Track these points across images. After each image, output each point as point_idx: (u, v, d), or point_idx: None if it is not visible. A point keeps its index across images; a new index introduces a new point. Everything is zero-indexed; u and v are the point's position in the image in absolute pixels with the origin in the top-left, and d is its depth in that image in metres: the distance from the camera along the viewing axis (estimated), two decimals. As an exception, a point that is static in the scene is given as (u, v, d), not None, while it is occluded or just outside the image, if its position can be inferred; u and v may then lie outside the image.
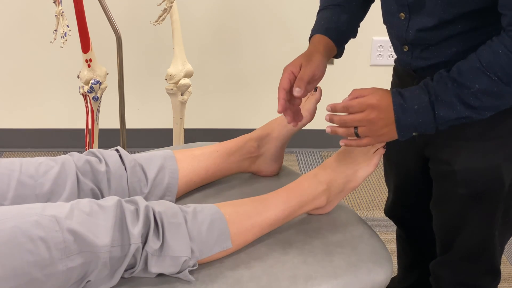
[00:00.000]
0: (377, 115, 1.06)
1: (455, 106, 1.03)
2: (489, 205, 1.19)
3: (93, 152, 1.20)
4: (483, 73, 1.00)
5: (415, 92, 1.06)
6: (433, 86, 1.04)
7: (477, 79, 1.01)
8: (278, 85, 1.17)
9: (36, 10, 2.37)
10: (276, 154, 1.35)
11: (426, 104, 1.04)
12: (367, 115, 1.06)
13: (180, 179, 1.24)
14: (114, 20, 1.83)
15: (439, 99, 1.03)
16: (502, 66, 0.99)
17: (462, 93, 1.02)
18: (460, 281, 1.31)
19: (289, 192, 1.18)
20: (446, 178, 1.21)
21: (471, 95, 1.02)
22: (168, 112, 2.11)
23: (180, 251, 1.02)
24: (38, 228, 0.93)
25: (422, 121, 1.05)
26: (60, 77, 2.50)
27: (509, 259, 2.09)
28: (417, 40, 1.13)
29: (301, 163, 2.66)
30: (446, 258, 1.31)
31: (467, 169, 1.16)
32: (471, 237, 1.24)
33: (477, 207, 1.20)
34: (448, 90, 1.03)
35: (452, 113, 1.03)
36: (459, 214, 1.23)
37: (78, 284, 0.98)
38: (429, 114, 1.04)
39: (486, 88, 1.01)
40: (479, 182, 1.17)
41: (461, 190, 1.19)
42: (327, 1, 1.28)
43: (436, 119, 1.04)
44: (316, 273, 1.07)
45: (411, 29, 1.13)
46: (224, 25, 2.48)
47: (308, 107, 1.34)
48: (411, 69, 1.20)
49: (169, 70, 1.93)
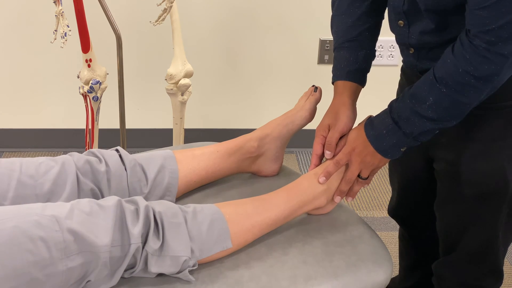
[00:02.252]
0: (361, 151, 1.15)
1: (415, 122, 1.07)
2: (493, 206, 1.20)
3: (93, 152, 1.20)
4: (434, 85, 1.03)
5: (381, 117, 1.13)
6: (396, 107, 1.10)
7: (430, 92, 1.04)
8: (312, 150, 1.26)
9: (36, 10, 2.37)
10: (276, 154, 1.35)
11: (392, 125, 1.10)
12: (355, 157, 1.16)
13: (180, 179, 1.24)
14: (114, 20, 1.83)
15: (401, 118, 1.09)
16: (451, 75, 1.01)
17: (420, 108, 1.06)
18: (463, 282, 1.31)
19: (289, 192, 1.18)
20: (451, 179, 1.22)
21: (428, 108, 1.05)
22: (168, 112, 2.11)
23: (180, 251, 1.02)
24: (38, 228, 0.93)
25: (397, 141, 1.11)
26: (60, 77, 2.50)
27: (509, 260, 2.09)
28: (421, 44, 1.15)
29: (301, 163, 2.66)
30: (449, 259, 1.31)
31: (472, 170, 1.17)
32: (475, 238, 1.24)
33: (481, 208, 1.20)
34: (406, 107, 1.08)
35: (415, 128, 1.08)
36: (463, 215, 1.23)
37: (78, 284, 0.98)
38: (398, 133, 1.10)
39: (438, 100, 1.04)
40: (484, 183, 1.17)
41: (466, 190, 1.19)
42: (342, 38, 1.27)
43: (407, 136, 1.09)
44: (316, 273, 1.07)
45: (413, 34, 1.14)
46: (224, 25, 2.48)
47: (308, 107, 1.34)
48: (417, 70, 1.21)
49: (169, 70, 1.93)
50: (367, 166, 1.17)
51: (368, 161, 1.16)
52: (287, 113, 1.35)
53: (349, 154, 1.18)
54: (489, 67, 0.98)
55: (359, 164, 1.17)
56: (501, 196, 1.18)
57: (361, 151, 1.16)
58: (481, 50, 0.97)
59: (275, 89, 2.61)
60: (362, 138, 1.15)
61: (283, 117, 1.35)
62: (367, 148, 1.15)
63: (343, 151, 1.19)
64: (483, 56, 0.97)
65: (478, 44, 0.97)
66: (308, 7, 2.46)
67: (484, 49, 0.97)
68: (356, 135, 1.17)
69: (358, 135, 1.17)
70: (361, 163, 1.17)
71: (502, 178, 1.16)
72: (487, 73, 0.99)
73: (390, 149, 1.13)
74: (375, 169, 1.19)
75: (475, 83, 1.00)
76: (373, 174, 1.20)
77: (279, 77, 2.59)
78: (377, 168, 1.18)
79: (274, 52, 2.54)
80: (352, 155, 1.17)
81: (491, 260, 1.27)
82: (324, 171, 1.20)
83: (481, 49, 0.97)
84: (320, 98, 1.35)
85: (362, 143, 1.15)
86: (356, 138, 1.17)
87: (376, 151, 1.14)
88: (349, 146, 1.18)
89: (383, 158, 1.15)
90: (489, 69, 0.98)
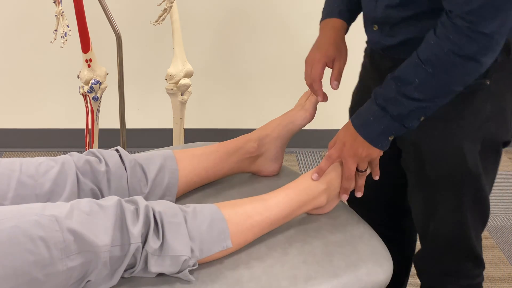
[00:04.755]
0: (351, 144, 1.16)
1: (402, 102, 1.08)
2: (457, 187, 1.21)
3: (93, 152, 1.20)
4: (420, 67, 1.05)
5: (367, 106, 1.14)
6: (380, 92, 1.11)
7: (416, 73, 1.06)
8: (312, 77, 1.27)
9: (36, 10, 2.37)
10: (276, 154, 1.35)
11: (378, 111, 1.11)
12: (347, 152, 1.17)
13: (180, 179, 1.24)
14: (114, 20, 1.83)
15: (387, 101, 1.10)
16: (436, 55, 1.03)
17: (405, 89, 1.07)
18: (443, 271, 1.32)
19: (288, 191, 1.18)
20: (416, 164, 1.23)
21: (414, 89, 1.06)
22: (168, 112, 2.11)
23: (180, 250, 1.02)
24: (38, 228, 0.93)
25: (384, 127, 1.12)
26: (60, 77, 2.50)
27: (509, 259, 2.09)
28: (385, 18, 1.17)
29: (301, 163, 2.66)
30: (426, 249, 1.33)
31: (432, 151, 1.19)
32: (444, 222, 1.25)
33: (446, 190, 1.22)
34: (391, 90, 1.09)
35: (403, 109, 1.09)
36: (430, 199, 1.25)
37: (78, 284, 0.98)
38: (385, 117, 1.11)
39: (425, 81, 1.05)
40: (444, 164, 1.19)
41: (430, 173, 1.21)
42: None
43: (394, 119, 1.10)
44: (316, 273, 1.07)
45: (379, 8, 1.17)
46: (224, 25, 2.48)
47: (308, 107, 1.34)
48: (380, 48, 1.23)
49: (169, 70, 1.93)
50: (361, 159, 1.17)
51: (360, 153, 1.16)
52: (287, 113, 1.35)
53: (340, 150, 1.18)
54: (473, 46, 1.00)
55: (352, 158, 1.17)
56: (463, 178, 1.20)
57: (351, 144, 1.16)
58: (464, 29, 0.99)
59: (275, 89, 2.61)
60: (350, 131, 1.16)
61: (283, 117, 1.35)
62: (357, 139, 1.15)
63: (335, 147, 1.19)
64: (466, 36, 1.00)
65: (461, 24, 0.99)
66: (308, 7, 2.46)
67: (467, 29, 0.99)
68: (344, 131, 1.18)
69: (346, 129, 1.18)
70: (354, 157, 1.16)
71: (461, 158, 1.18)
72: (471, 51, 1.01)
73: (378, 137, 1.13)
74: (372, 161, 1.18)
75: (460, 62, 1.02)
76: (375, 166, 1.20)
77: (279, 77, 2.59)
78: (373, 159, 1.18)
79: (274, 52, 2.54)
80: (343, 151, 1.18)
81: (465, 245, 1.27)
82: (317, 167, 1.20)
83: (464, 29, 0.99)
84: (320, 98, 1.35)
85: (351, 135, 1.16)
86: (345, 133, 1.17)
87: (365, 140, 1.14)
88: (340, 142, 1.18)
89: (371, 150, 1.15)
90: (473, 48, 1.00)
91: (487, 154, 1.19)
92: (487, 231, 2.24)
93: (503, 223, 2.30)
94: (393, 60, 1.18)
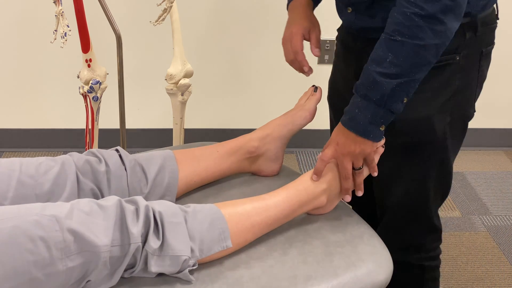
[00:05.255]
0: (344, 143, 1.16)
1: (382, 83, 1.09)
2: (422, 157, 1.25)
3: (93, 152, 1.20)
4: (389, 40, 1.07)
5: (351, 102, 1.15)
6: (359, 83, 1.13)
7: (388, 48, 1.07)
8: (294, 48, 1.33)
9: (36, 10, 2.37)
10: (276, 154, 1.35)
11: (361, 101, 1.12)
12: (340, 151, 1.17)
13: (180, 179, 1.24)
14: (114, 20, 1.83)
15: (367, 87, 1.10)
16: (401, 22, 1.05)
17: (382, 68, 1.08)
18: (404, 242, 1.36)
19: (289, 191, 1.18)
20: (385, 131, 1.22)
21: (389, 65, 1.07)
22: (168, 112, 2.11)
23: (180, 250, 1.02)
24: (38, 228, 0.93)
25: (371, 114, 1.11)
26: (60, 77, 2.50)
27: (509, 259, 2.09)
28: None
29: (301, 163, 2.66)
30: (387, 222, 1.36)
31: (402, 120, 1.20)
32: (407, 193, 1.29)
33: (411, 159, 1.25)
34: (369, 74, 1.10)
35: (384, 89, 1.09)
36: (395, 167, 1.27)
37: (78, 284, 0.98)
38: (370, 105, 1.11)
39: (397, 52, 1.06)
40: (413, 132, 1.23)
41: (397, 140, 1.23)
42: None
43: (378, 104, 1.10)
44: (316, 273, 1.07)
45: None
46: (224, 25, 2.48)
47: (308, 107, 1.34)
48: (354, 29, 1.25)
49: (169, 70, 1.93)
50: (355, 155, 1.17)
51: (353, 150, 1.16)
52: (287, 113, 1.35)
53: (334, 149, 1.18)
54: (434, 5, 1.02)
55: (346, 156, 1.17)
56: (430, 147, 1.24)
57: (344, 143, 1.16)
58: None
59: (275, 89, 2.61)
60: (341, 130, 1.16)
61: (283, 117, 1.35)
62: (348, 136, 1.15)
63: (328, 147, 1.20)
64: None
65: None
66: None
67: None
68: (336, 132, 1.18)
69: (337, 130, 1.18)
70: (348, 155, 1.17)
71: (430, 128, 1.21)
72: (432, 10, 1.03)
73: (367, 127, 1.12)
74: (367, 157, 1.18)
75: (425, 23, 1.04)
76: (371, 162, 1.19)
77: (279, 77, 2.59)
78: (367, 154, 1.17)
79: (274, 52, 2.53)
80: (337, 151, 1.18)
81: (425, 217, 1.32)
82: (314, 169, 1.20)
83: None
84: (320, 98, 1.35)
85: (342, 134, 1.16)
86: (337, 133, 1.18)
87: (356, 134, 1.14)
88: (333, 142, 1.19)
89: (367, 141, 1.14)
90: (435, 7, 1.02)
91: (455, 126, 1.24)
92: (487, 231, 2.24)
93: (503, 223, 2.30)
94: (366, 41, 1.20)
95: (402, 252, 1.36)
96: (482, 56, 1.23)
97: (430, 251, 1.39)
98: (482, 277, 2.00)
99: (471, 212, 2.36)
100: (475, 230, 2.25)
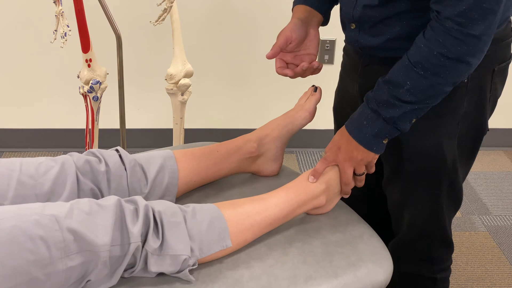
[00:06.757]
0: (346, 148, 1.17)
1: (395, 105, 1.09)
2: (434, 182, 1.24)
3: (93, 152, 1.20)
4: (412, 69, 1.06)
5: (359, 111, 1.15)
6: (372, 96, 1.12)
7: (407, 76, 1.06)
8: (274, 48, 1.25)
9: (36, 10, 2.37)
10: (276, 154, 1.35)
11: (371, 114, 1.12)
12: (342, 156, 1.18)
13: (180, 179, 1.24)
14: (114, 20, 1.83)
15: (380, 104, 1.10)
16: (426, 58, 1.04)
17: (398, 93, 1.08)
18: (418, 257, 1.36)
19: (288, 191, 1.18)
20: (394, 157, 1.25)
21: (406, 92, 1.07)
22: (168, 112, 2.11)
23: (180, 249, 1.02)
24: (38, 228, 0.93)
25: (378, 130, 1.12)
26: (60, 77, 2.50)
27: (509, 259, 2.09)
28: (363, 17, 1.17)
29: (301, 163, 2.66)
30: (401, 237, 1.35)
31: (413, 146, 1.21)
32: (420, 213, 1.28)
33: (423, 184, 1.25)
34: (383, 93, 1.09)
35: (396, 111, 1.09)
36: (407, 191, 1.27)
37: (78, 284, 0.98)
38: (378, 121, 1.11)
39: (416, 83, 1.06)
40: (423, 159, 1.22)
41: (407, 167, 1.23)
42: None
43: (387, 122, 1.11)
44: (316, 273, 1.07)
45: (358, 6, 1.17)
46: (224, 25, 2.48)
47: (308, 107, 1.34)
48: (358, 46, 1.23)
49: (169, 70, 1.93)
50: (357, 162, 1.17)
51: (355, 157, 1.16)
52: (287, 113, 1.35)
53: (336, 154, 1.19)
54: (461, 48, 1.01)
55: (348, 162, 1.18)
56: (440, 171, 1.23)
57: (346, 148, 1.17)
58: (454, 32, 1.00)
59: (275, 89, 2.61)
60: (345, 136, 1.17)
61: (283, 117, 1.35)
62: (351, 143, 1.16)
63: (330, 151, 1.20)
64: (455, 38, 1.00)
65: (450, 26, 1.00)
66: (308, 7, 2.46)
67: (457, 31, 1.00)
68: (339, 135, 1.19)
69: (341, 134, 1.18)
70: (349, 161, 1.17)
71: (440, 154, 1.20)
72: (460, 54, 1.01)
73: (372, 140, 1.13)
74: (368, 164, 1.19)
75: (450, 64, 1.03)
76: (371, 168, 1.21)
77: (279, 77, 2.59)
78: (368, 162, 1.18)
79: (274, 52, 2.53)
80: (338, 155, 1.18)
81: (439, 232, 1.32)
82: (312, 170, 1.21)
83: (454, 31, 1.00)
84: (320, 98, 1.35)
85: (345, 140, 1.17)
86: (340, 137, 1.18)
87: (359, 143, 1.14)
88: (335, 146, 1.19)
89: (366, 154, 1.15)
90: (462, 50, 1.01)
91: (465, 149, 1.23)
92: (487, 231, 2.24)
93: (503, 223, 2.30)
94: (369, 58, 1.20)
95: (415, 264, 1.36)
96: (494, 74, 1.20)
97: (443, 263, 1.38)
98: (482, 277, 2.00)
99: (471, 212, 2.36)
100: (475, 230, 2.25)
